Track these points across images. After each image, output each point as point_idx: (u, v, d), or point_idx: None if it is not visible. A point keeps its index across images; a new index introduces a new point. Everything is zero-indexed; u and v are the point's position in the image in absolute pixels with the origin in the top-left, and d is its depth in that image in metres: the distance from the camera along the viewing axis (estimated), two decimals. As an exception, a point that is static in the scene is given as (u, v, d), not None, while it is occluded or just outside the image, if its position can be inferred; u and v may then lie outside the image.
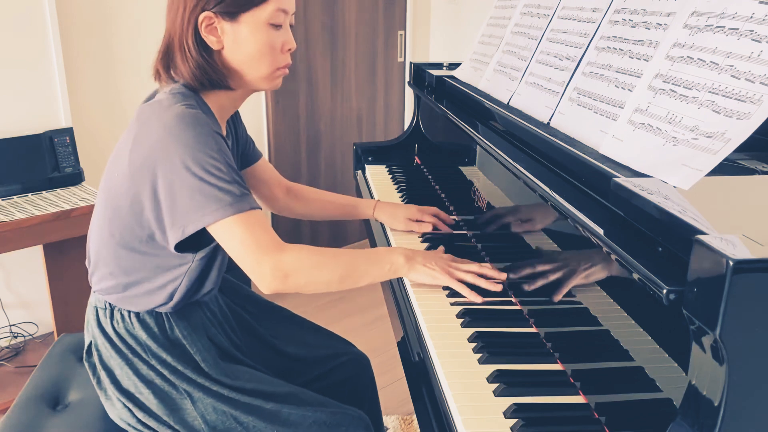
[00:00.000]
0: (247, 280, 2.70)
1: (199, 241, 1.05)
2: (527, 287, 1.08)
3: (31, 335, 2.41)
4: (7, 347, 2.33)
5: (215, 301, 1.24)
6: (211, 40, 1.04)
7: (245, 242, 0.97)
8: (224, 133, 1.18)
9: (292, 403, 1.12)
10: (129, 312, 1.12)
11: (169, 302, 1.11)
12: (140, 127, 1.02)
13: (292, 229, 3.23)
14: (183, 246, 1.04)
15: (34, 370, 1.31)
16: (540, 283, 1.03)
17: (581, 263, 0.91)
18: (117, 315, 1.12)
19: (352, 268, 1.07)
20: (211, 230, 0.99)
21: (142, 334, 1.11)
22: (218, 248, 1.10)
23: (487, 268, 1.13)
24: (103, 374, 1.13)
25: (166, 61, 1.08)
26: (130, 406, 1.10)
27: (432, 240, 1.39)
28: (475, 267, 1.13)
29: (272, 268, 0.99)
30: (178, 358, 1.10)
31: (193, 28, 1.03)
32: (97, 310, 1.15)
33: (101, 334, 1.13)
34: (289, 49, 1.10)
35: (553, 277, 0.99)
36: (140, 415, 1.09)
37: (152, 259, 1.08)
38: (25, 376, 2.16)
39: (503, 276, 1.13)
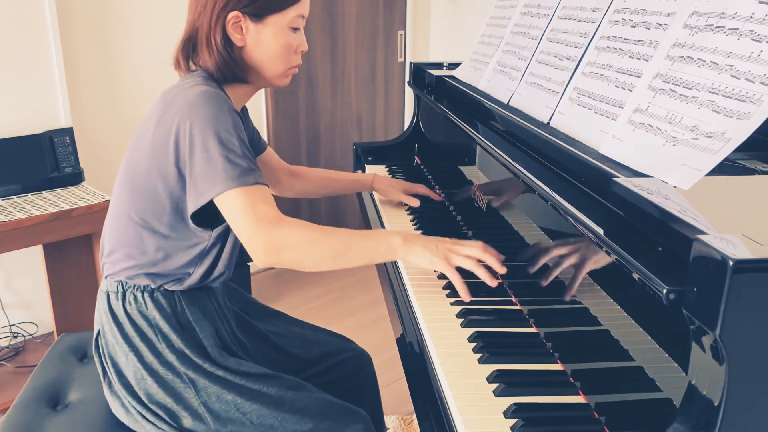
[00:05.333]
0: (247, 287, 2.71)
1: (215, 217, 1.09)
2: (527, 272, 1.07)
3: (31, 335, 2.41)
4: (7, 347, 2.33)
5: (222, 296, 1.26)
6: (235, 38, 1.11)
7: (244, 213, 1.00)
8: None
9: (298, 389, 1.14)
10: (143, 292, 1.13)
11: (188, 278, 1.13)
12: (165, 106, 1.08)
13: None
14: (200, 221, 1.09)
15: (34, 370, 1.31)
16: (536, 266, 1.03)
17: (575, 251, 0.91)
18: (129, 296, 1.13)
19: (347, 246, 1.06)
20: (217, 202, 1.02)
21: (155, 314, 1.12)
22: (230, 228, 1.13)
23: (490, 254, 1.08)
24: (108, 364, 1.14)
25: (188, 51, 1.14)
26: (132, 398, 1.11)
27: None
28: (477, 252, 1.07)
29: (266, 240, 1.01)
30: (186, 342, 1.12)
31: (222, 26, 1.09)
32: (108, 296, 1.15)
33: (110, 319, 1.14)
34: (302, 51, 1.18)
35: (547, 264, 0.99)
36: (143, 403, 1.10)
37: (171, 238, 1.11)
38: (25, 376, 2.16)
39: (503, 269, 1.07)
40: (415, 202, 1.54)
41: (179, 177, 1.06)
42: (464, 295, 1.07)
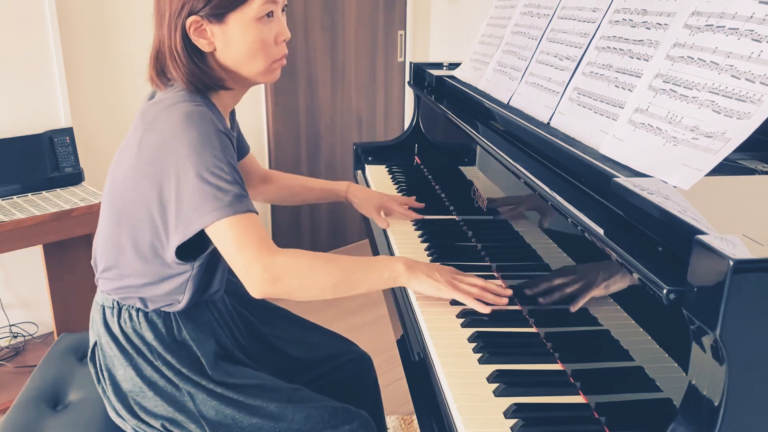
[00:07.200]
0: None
1: (201, 245, 1.05)
2: (539, 301, 1.05)
3: (31, 335, 2.41)
4: (7, 347, 2.33)
5: (222, 300, 1.24)
6: (201, 44, 1.03)
7: (237, 243, 0.96)
8: (228, 126, 1.16)
9: (296, 401, 1.13)
10: (138, 311, 1.11)
11: (178, 304, 1.11)
12: (145, 127, 1.02)
13: (291, 229, 3.23)
14: (184, 252, 1.03)
15: (34, 370, 1.31)
16: (551, 298, 1.02)
17: (593, 278, 0.90)
18: (125, 314, 1.12)
19: (346, 274, 1.05)
20: (208, 231, 0.98)
21: (148, 335, 1.11)
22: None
23: (492, 284, 1.10)
24: (105, 375, 1.13)
25: (158, 66, 1.07)
26: (131, 407, 1.10)
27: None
28: (479, 281, 1.09)
29: (262, 270, 0.96)
30: (182, 361, 1.10)
31: (181, 34, 1.01)
32: (103, 309, 1.14)
33: (106, 333, 1.13)
34: (284, 40, 1.08)
35: (564, 293, 0.98)
36: (142, 415, 1.09)
37: (160, 265, 1.08)
38: (25, 376, 2.16)
39: (509, 292, 1.10)
40: (384, 224, 1.46)
41: (161, 208, 1.00)
42: (482, 308, 1.05)
